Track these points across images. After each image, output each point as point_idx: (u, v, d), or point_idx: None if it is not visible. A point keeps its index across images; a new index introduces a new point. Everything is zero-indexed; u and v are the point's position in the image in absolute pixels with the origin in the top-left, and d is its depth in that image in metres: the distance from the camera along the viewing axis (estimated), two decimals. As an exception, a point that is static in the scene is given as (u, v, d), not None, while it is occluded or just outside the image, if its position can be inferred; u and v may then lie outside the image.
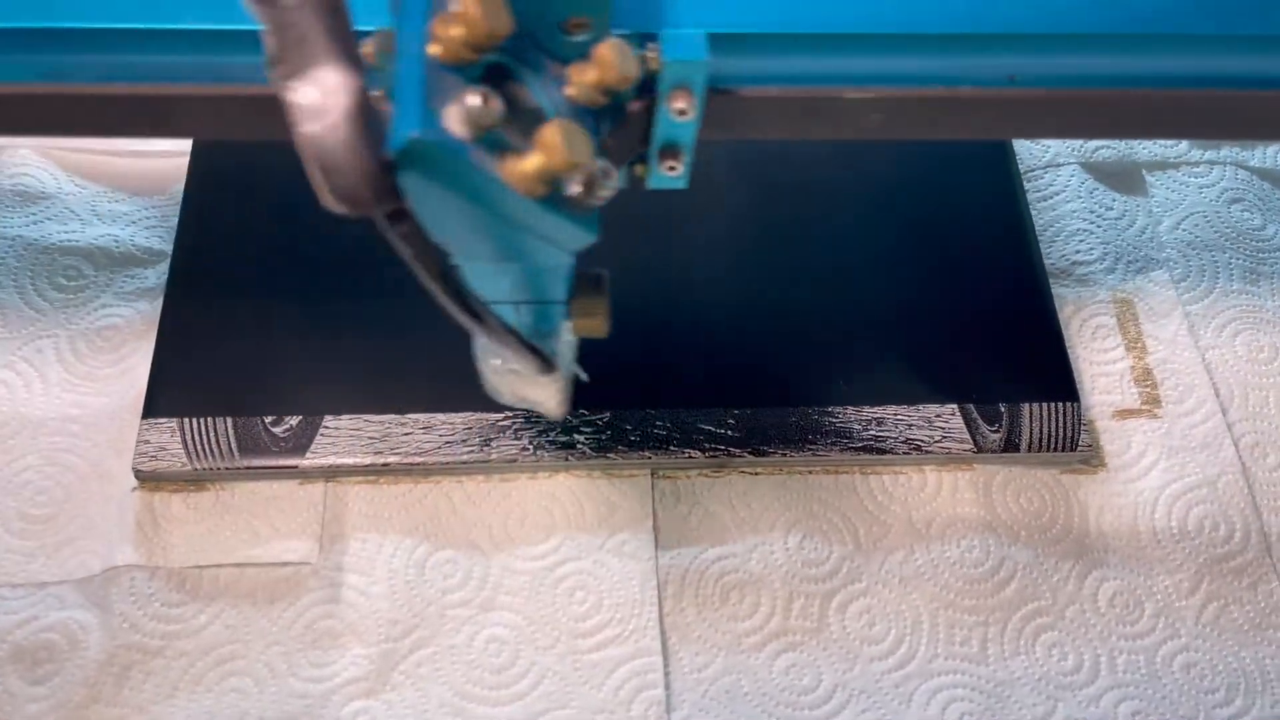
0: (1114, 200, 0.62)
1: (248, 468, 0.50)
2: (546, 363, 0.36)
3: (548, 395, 0.41)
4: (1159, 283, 0.58)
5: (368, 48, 0.30)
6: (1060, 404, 0.53)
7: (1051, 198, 0.62)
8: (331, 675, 0.46)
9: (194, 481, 0.50)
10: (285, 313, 0.54)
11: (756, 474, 0.52)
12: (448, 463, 0.50)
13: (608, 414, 0.52)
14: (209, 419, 0.50)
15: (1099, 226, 0.61)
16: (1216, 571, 0.51)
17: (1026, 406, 0.53)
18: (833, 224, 0.58)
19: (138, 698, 0.46)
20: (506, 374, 0.40)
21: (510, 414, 0.51)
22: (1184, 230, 0.61)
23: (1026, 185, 0.62)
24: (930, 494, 0.52)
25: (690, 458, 0.51)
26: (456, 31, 0.27)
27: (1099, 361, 0.56)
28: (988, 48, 0.35)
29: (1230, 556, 0.51)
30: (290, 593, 0.48)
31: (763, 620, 0.49)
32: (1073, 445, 0.52)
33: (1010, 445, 0.52)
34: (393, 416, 0.51)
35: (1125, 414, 0.55)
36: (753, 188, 0.59)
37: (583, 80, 0.30)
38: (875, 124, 0.36)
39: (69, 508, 0.50)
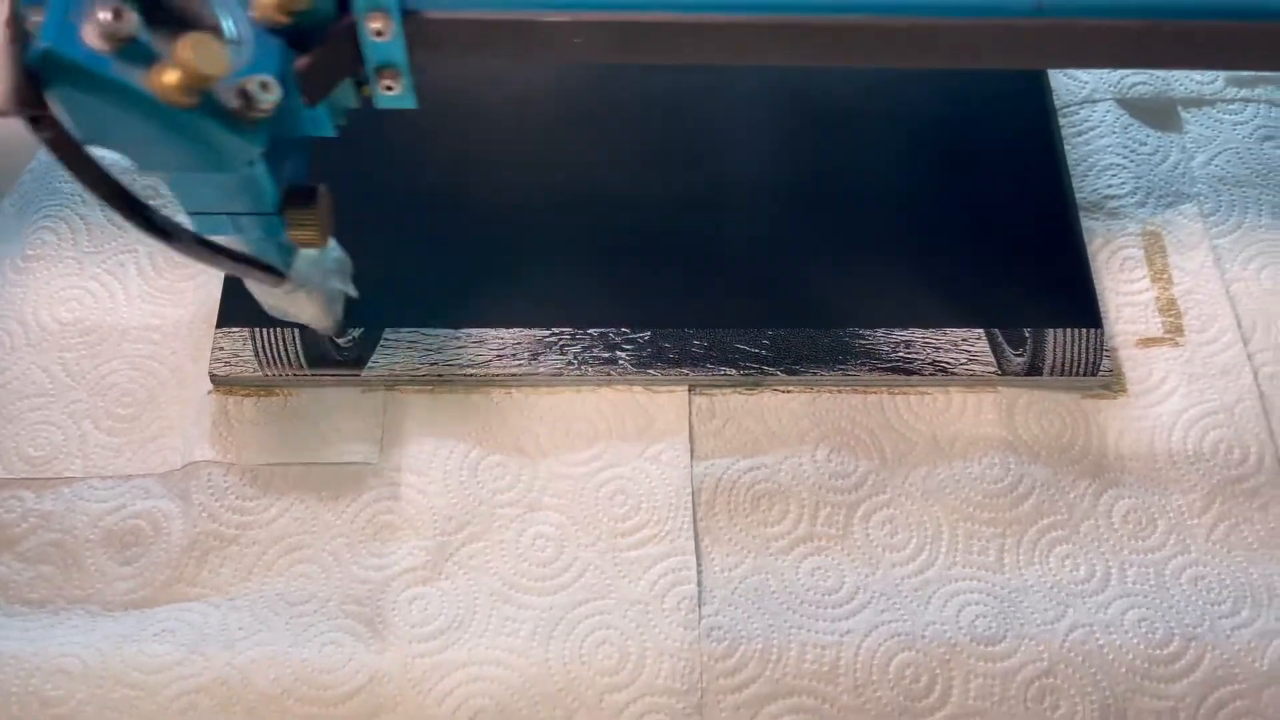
0: (1148, 136, 0.63)
1: (314, 375, 0.54)
2: (271, 272, 0.37)
3: (300, 308, 0.42)
4: (1188, 216, 0.60)
5: None
6: (1084, 330, 0.55)
7: (1086, 133, 0.63)
8: (391, 564, 0.50)
9: (264, 386, 0.54)
10: (350, 229, 0.57)
11: (789, 391, 0.55)
12: (498, 374, 0.54)
13: (648, 332, 0.55)
14: (278, 329, 0.54)
15: (1132, 161, 0.62)
16: (1229, 492, 0.53)
17: (1051, 332, 0.55)
18: (869, 152, 0.60)
19: (216, 579, 0.50)
20: (258, 289, 0.40)
21: (557, 331, 0.55)
22: (1216, 166, 0.62)
23: (1062, 120, 0.63)
24: (955, 414, 0.55)
25: (726, 375, 0.54)
26: None
27: (1125, 292, 0.58)
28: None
29: (1244, 478, 0.53)
30: (353, 490, 0.52)
31: (791, 526, 0.52)
32: (1094, 370, 0.55)
33: (1034, 369, 0.55)
34: (448, 330, 0.55)
35: (1148, 342, 0.57)
36: (790, 116, 0.61)
37: (260, 1, 0.32)
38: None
39: (151, 408, 0.54)
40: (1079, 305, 0.56)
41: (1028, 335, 0.55)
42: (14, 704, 0.46)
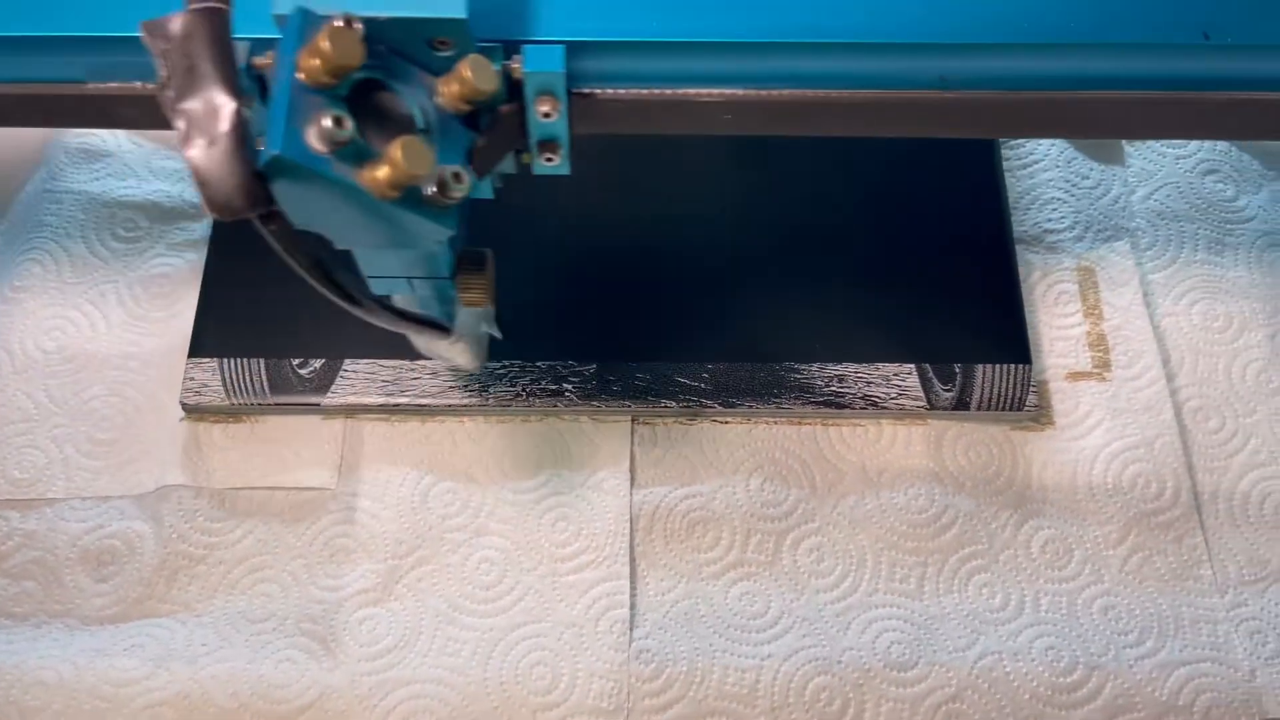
0: (1091, 169, 0.65)
1: (277, 404, 0.57)
2: (437, 329, 0.41)
3: (456, 353, 0.46)
4: (1122, 252, 0.62)
5: (266, 59, 0.35)
6: (1013, 366, 0.58)
7: (1031, 165, 0.65)
8: (345, 585, 0.54)
9: (232, 414, 0.58)
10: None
11: (726, 423, 0.58)
12: (451, 405, 0.57)
13: (594, 365, 0.58)
14: (245, 360, 0.58)
15: (1073, 195, 0.64)
16: (1144, 525, 0.55)
17: (980, 368, 0.58)
18: (809, 190, 0.62)
19: (184, 596, 0.54)
20: (418, 338, 0.45)
21: (507, 364, 0.58)
22: (1155, 200, 0.64)
23: (1008, 153, 0.65)
24: (885, 445, 0.57)
25: (667, 407, 0.57)
26: (315, 62, 0.32)
27: (1059, 326, 0.60)
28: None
29: (1159, 511, 0.56)
30: (312, 513, 0.56)
31: (723, 552, 0.55)
32: (1020, 405, 0.57)
33: (961, 404, 0.57)
34: (404, 362, 0.58)
35: (1077, 376, 0.59)
36: (731, 157, 0.63)
37: (448, 92, 0.35)
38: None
39: (128, 433, 0.58)
40: (1009, 341, 0.58)
41: (958, 370, 0.58)
42: (-4, 713, 0.50)
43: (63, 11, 0.42)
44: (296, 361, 0.58)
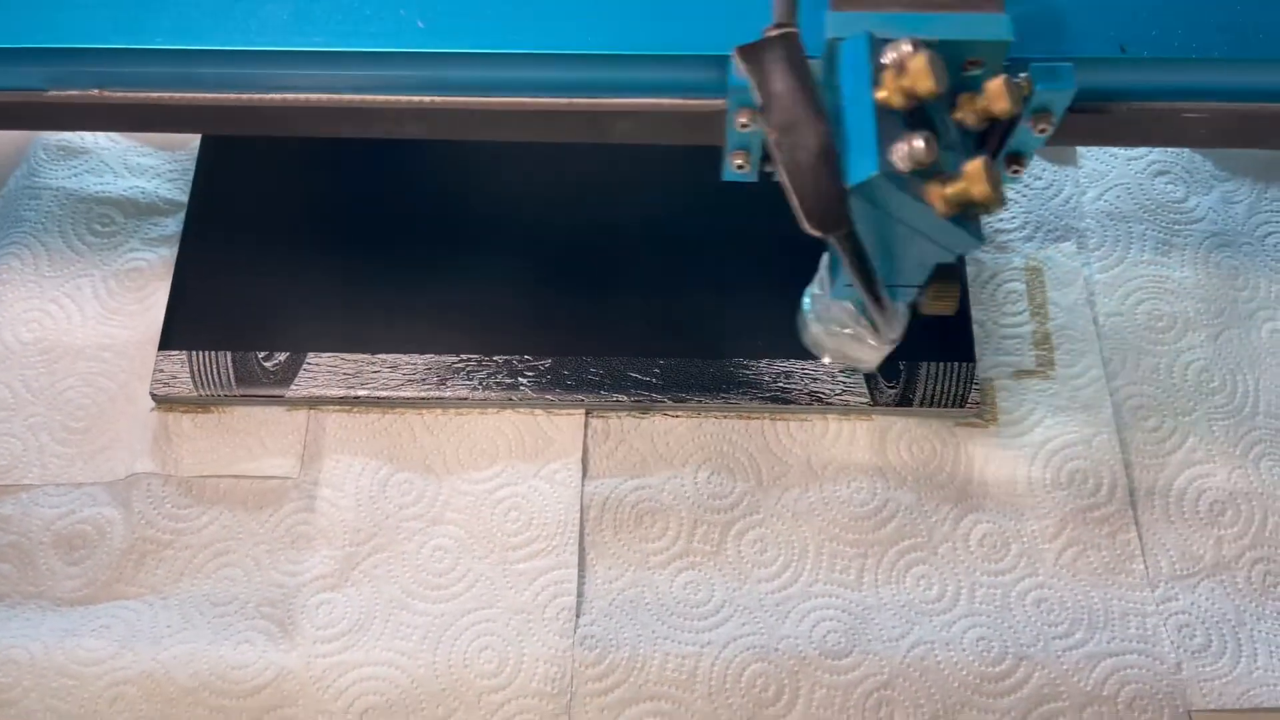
0: (1044, 170, 0.66)
1: (243, 395, 0.59)
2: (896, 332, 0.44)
3: (871, 354, 0.48)
4: (1067, 253, 0.63)
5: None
6: (956, 364, 0.59)
7: (985, 166, 0.66)
8: (304, 571, 0.56)
9: (200, 405, 0.60)
10: (278, 262, 0.62)
11: (677, 416, 0.60)
12: (409, 398, 0.59)
13: (549, 360, 0.60)
14: (212, 353, 0.60)
15: (1025, 196, 0.65)
16: (1080, 520, 0.57)
17: (924, 366, 0.59)
18: (758, 190, 0.63)
19: (151, 579, 0.56)
20: (840, 336, 0.47)
21: (465, 357, 0.60)
22: (1105, 201, 0.65)
23: (962, 154, 0.66)
24: (830, 440, 0.59)
25: (619, 401, 0.59)
26: (906, 84, 0.35)
27: (1006, 325, 0.62)
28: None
29: (1095, 507, 0.57)
30: (275, 501, 0.58)
31: (669, 542, 0.57)
32: (962, 403, 0.59)
33: (905, 400, 0.59)
34: (365, 356, 0.60)
35: (1022, 374, 0.61)
36: (680, 158, 0.64)
37: (974, 109, 0.37)
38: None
39: (101, 422, 0.60)
40: (954, 341, 0.60)
41: (901, 368, 0.59)
42: (-31, 689, 0.53)
43: (22, 26, 0.44)
44: (262, 354, 0.60)
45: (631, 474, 0.58)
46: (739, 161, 0.43)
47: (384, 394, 0.59)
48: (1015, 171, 0.42)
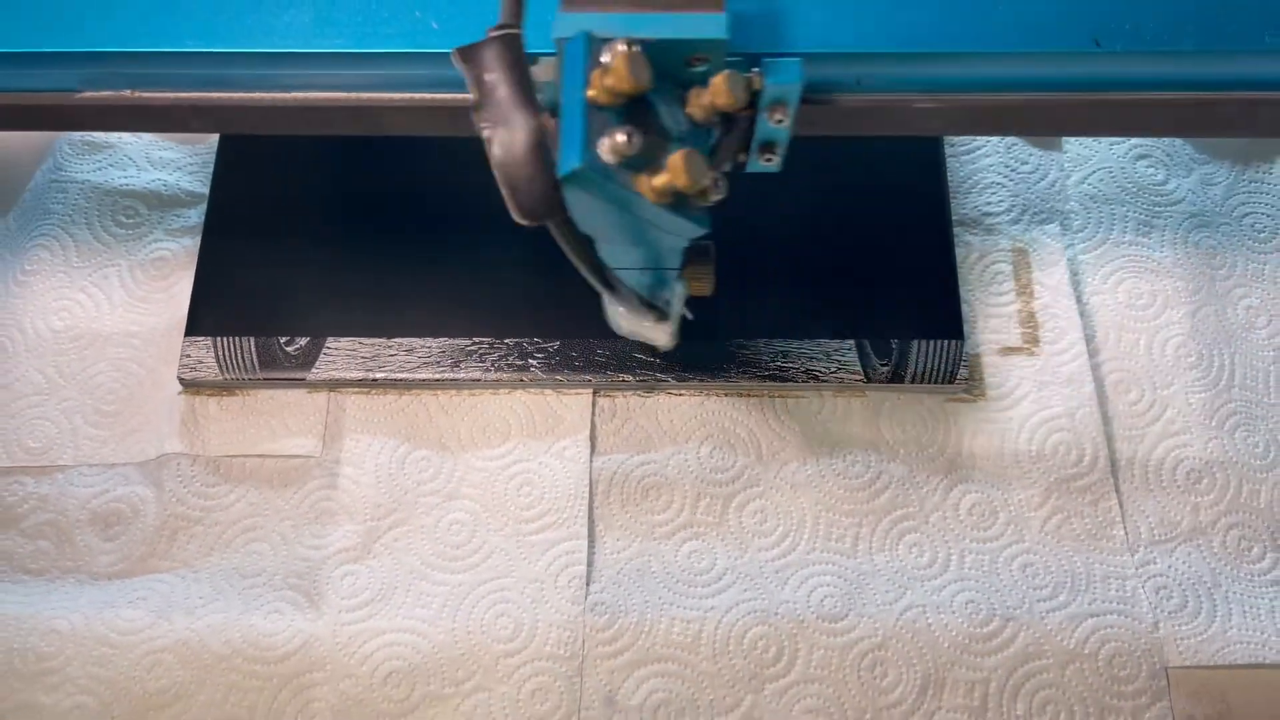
0: (1030, 155, 0.69)
1: (266, 379, 0.62)
2: (660, 313, 0.47)
3: (659, 333, 0.51)
4: (1051, 234, 0.66)
5: (547, 70, 0.40)
6: (945, 342, 0.62)
7: (974, 150, 0.69)
8: (328, 545, 0.59)
9: (225, 388, 0.63)
10: (297, 251, 0.65)
11: (680, 395, 0.63)
12: (425, 379, 0.62)
13: (557, 342, 0.62)
14: (236, 338, 0.62)
15: (1011, 180, 0.68)
16: (1064, 489, 0.60)
17: (915, 344, 0.62)
18: (755, 175, 0.66)
19: (183, 554, 0.59)
20: (630, 317, 0.50)
21: (477, 340, 0.62)
22: (1089, 184, 0.68)
23: (951, 139, 0.69)
24: (826, 416, 0.62)
25: (625, 381, 0.62)
26: (609, 83, 0.37)
27: (993, 304, 0.65)
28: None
29: (1078, 477, 0.60)
30: (298, 479, 0.61)
31: (674, 514, 0.60)
32: (951, 379, 0.61)
33: (896, 377, 0.62)
34: (382, 340, 0.63)
35: (1009, 351, 0.63)
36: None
37: (701, 104, 0.40)
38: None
39: (131, 405, 0.63)
40: (944, 319, 0.63)
41: (894, 346, 0.62)
42: (15, 658, 0.56)
43: (56, 30, 0.47)
44: (284, 340, 0.63)
45: (637, 450, 0.61)
46: (768, 156, 0.45)
47: (401, 376, 0.62)
48: (768, 160, 0.44)
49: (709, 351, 0.62)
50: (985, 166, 0.68)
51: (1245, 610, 0.57)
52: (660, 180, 0.38)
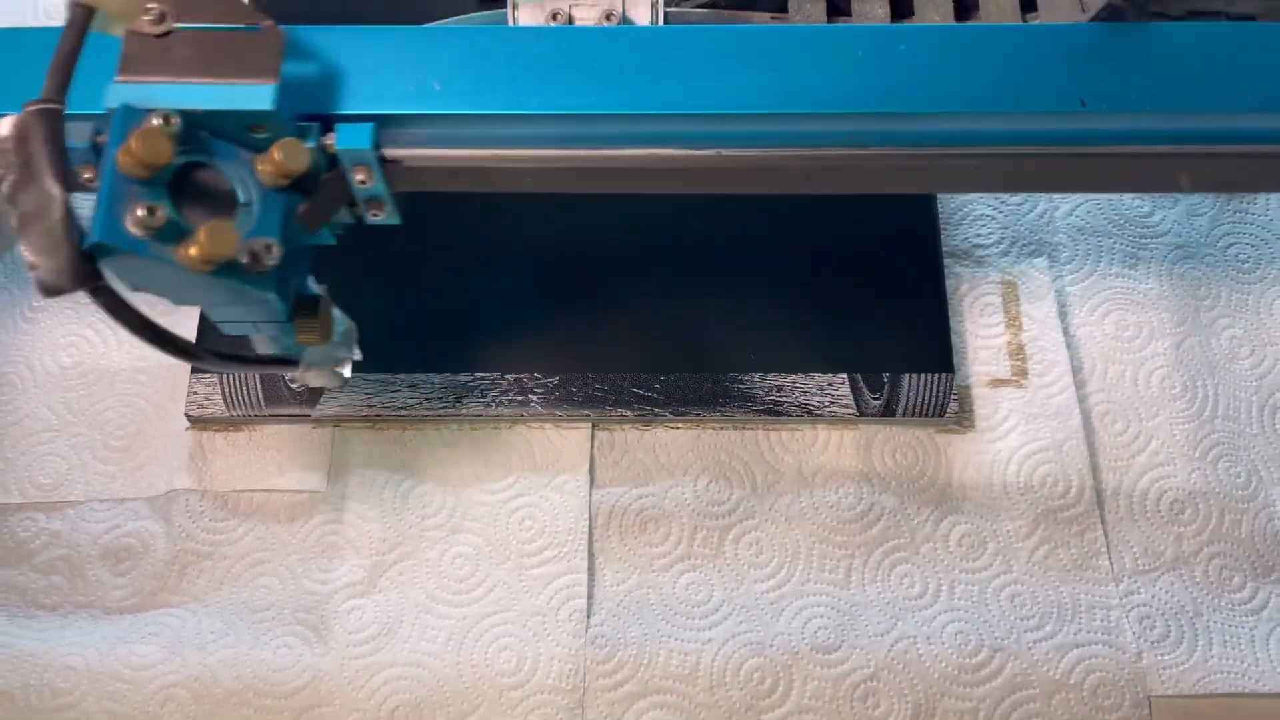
0: (1020, 187, 0.70)
1: (272, 415, 0.64)
2: (284, 364, 0.48)
3: (310, 378, 0.51)
4: (1039, 267, 0.67)
5: (102, 137, 0.40)
6: (936, 376, 0.63)
7: (965, 183, 0.70)
8: (335, 579, 0.61)
9: (232, 424, 0.64)
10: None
11: (677, 428, 0.64)
12: (428, 415, 0.63)
13: (557, 378, 0.64)
14: (241, 375, 0.64)
15: (1000, 212, 0.69)
16: (1051, 520, 0.62)
17: (907, 378, 0.63)
18: (751, 209, 0.67)
19: (194, 588, 0.61)
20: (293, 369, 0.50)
21: (479, 376, 0.64)
22: (1077, 216, 0.69)
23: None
24: (819, 448, 0.64)
25: (623, 415, 0.63)
26: (128, 158, 0.38)
27: (983, 335, 0.66)
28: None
29: (1065, 508, 0.62)
30: (305, 514, 0.62)
31: (672, 546, 0.62)
32: (942, 412, 0.63)
33: (888, 411, 0.63)
34: (385, 375, 0.64)
35: (998, 383, 0.65)
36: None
37: (265, 170, 0.41)
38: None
39: (139, 440, 0.65)
40: (934, 353, 0.64)
41: (885, 380, 0.64)
42: (32, 694, 0.57)
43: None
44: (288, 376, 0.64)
45: (636, 483, 0.63)
46: (374, 211, 0.46)
47: (404, 412, 0.63)
48: (376, 214, 0.46)
49: (705, 386, 0.64)
50: (975, 199, 0.70)
51: (1226, 640, 0.59)
52: (193, 250, 0.38)
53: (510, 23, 0.56)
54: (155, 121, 0.39)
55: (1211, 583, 0.60)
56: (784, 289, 0.66)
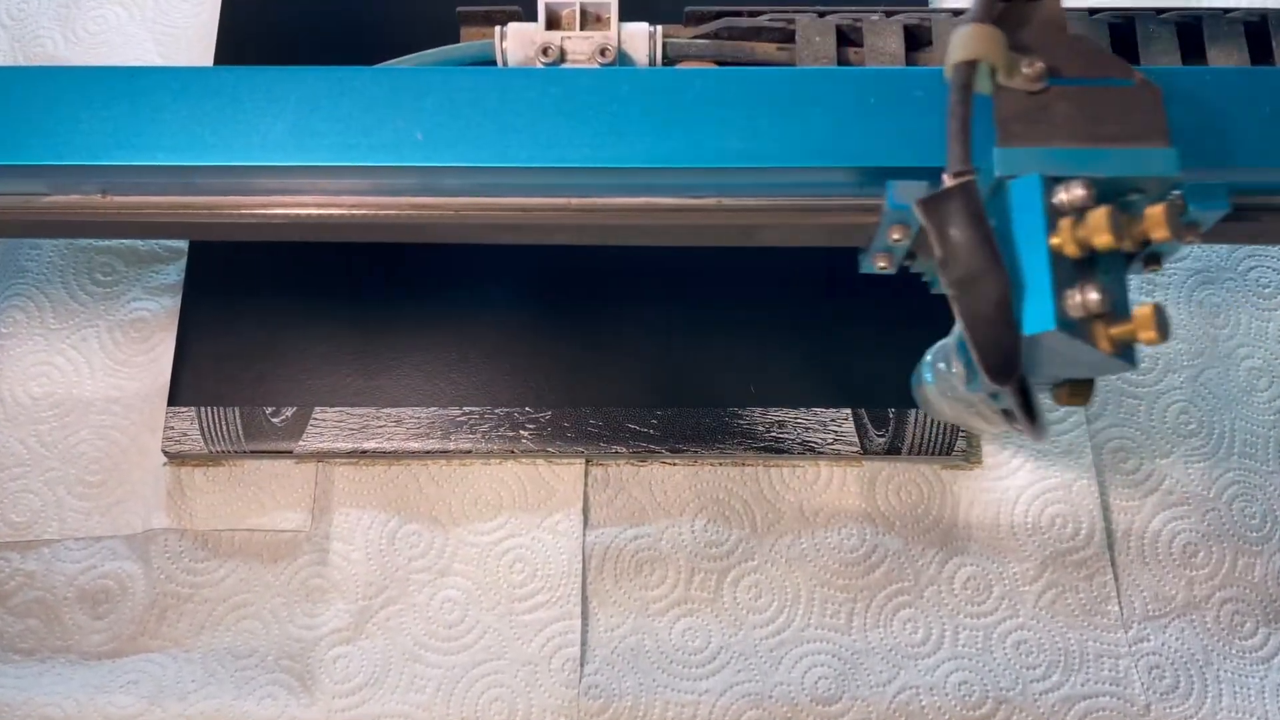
0: (1033, 206, 0.67)
1: (253, 450, 0.61)
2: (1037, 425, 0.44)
3: (993, 428, 0.48)
4: (1053, 298, 0.64)
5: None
6: (943, 412, 0.61)
7: (976, 201, 0.67)
8: (320, 624, 0.59)
9: (211, 459, 0.62)
10: (281, 315, 0.63)
11: (675, 465, 0.62)
12: (415, 450, 0.61)
13: (549, 413, 0.61)
14: (220, 409, 0.61)
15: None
16: (1059, 563, 0.60)
17: (913, 414, 0.61)
18: (746, 247, 0.64)
19: (174, 633, 0.59)
20: (960, 408, 0.46)
21: (467, 411, 0.61)
22: (1093, 239, 0.66)
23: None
24: (821, 486, 0.61)
25: (618, 451, 0.61)
26: (1082, 235, 0.35)
27: (992, 366, 0.63)
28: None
29: (1074, 550, 0.60)
30: (289, 554, 0.60)
31: (668, 590, 0.60)
32: (949, 450, 0.61)
33: (893, 449, 0.61)
34: (371, 410, 0.61)
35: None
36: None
37: (1130, 232, 0.36)
38: None
39: (115, 475, 0.62)
40: (942, 387, 0.62)
41: (891, 416, 0.61)
42: (8, 747, 0.56)
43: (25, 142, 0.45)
44: (269, 410, 0.61)
45: (631, 523, 0.61)
46: (882, 263, 0.45)
47: (390, 447, 0.61)
48: (1152, 269, 0.42)
49: (703, 421, 0.61)
50: (987, 218, 0.66)
51: (1236, 690, 0.57)
52: (1120, 331, 0.35)
53: (498, 53, 0.53)
54: (1102, 206, 0.35)
55: (1223, 629, 0.59)
56: (786, 320, 0.63)
